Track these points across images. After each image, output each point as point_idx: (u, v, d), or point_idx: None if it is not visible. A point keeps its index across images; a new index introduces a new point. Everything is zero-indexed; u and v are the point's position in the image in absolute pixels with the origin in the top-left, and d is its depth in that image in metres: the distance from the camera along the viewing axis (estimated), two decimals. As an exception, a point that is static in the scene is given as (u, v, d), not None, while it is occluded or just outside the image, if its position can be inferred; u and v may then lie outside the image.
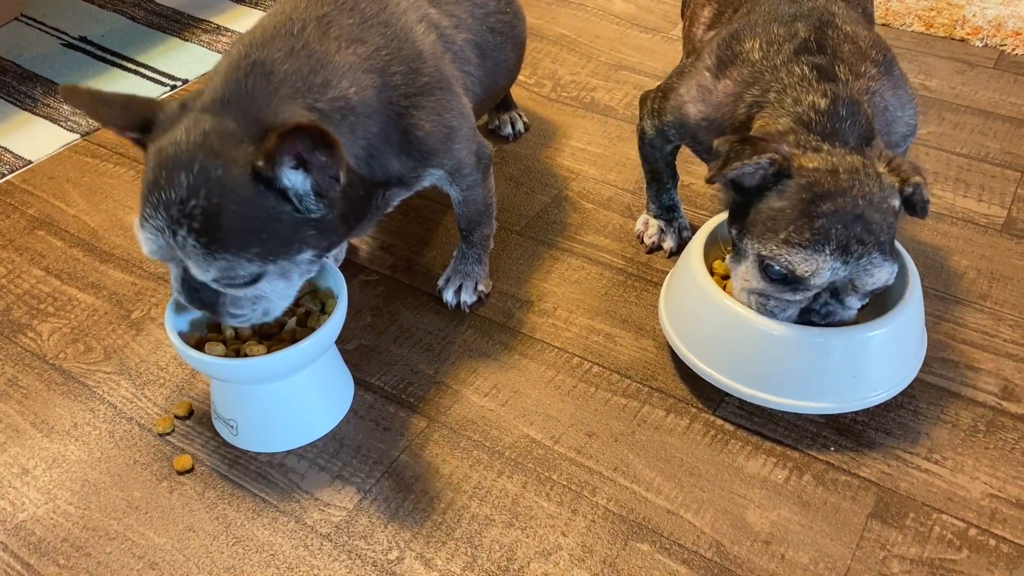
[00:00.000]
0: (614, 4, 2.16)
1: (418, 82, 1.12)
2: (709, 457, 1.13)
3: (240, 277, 0.96)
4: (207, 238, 0.92)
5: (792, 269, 1.03)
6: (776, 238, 1.03)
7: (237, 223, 0.93)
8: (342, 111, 1.03)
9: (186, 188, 0.91)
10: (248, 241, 0.94)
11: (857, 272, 1.03)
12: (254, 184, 0.93)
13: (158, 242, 0.95)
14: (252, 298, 1.02)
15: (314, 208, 0.97)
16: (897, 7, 2.07)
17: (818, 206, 1.02)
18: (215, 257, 0.93)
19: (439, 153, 1.16)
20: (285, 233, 0.97)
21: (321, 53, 1.03)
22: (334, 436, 1.16)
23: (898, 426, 1.16)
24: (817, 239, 1.01)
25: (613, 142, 1.69)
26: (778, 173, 1.04)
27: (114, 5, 2.17)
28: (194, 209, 0.92)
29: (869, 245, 1.02)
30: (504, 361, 1.26)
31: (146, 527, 1.06)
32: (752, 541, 1.03)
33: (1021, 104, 1.76)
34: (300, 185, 0.95)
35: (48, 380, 1.25)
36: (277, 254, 0.97)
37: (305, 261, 1.02)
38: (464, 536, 1.04)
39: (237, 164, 0.92)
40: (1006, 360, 1.24)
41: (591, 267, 1.41)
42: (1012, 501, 1.07)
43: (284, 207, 0.95)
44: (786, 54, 1.14)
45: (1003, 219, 1.49)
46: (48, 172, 1.64)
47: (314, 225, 0.99)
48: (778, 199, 1.04)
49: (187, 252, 0.94)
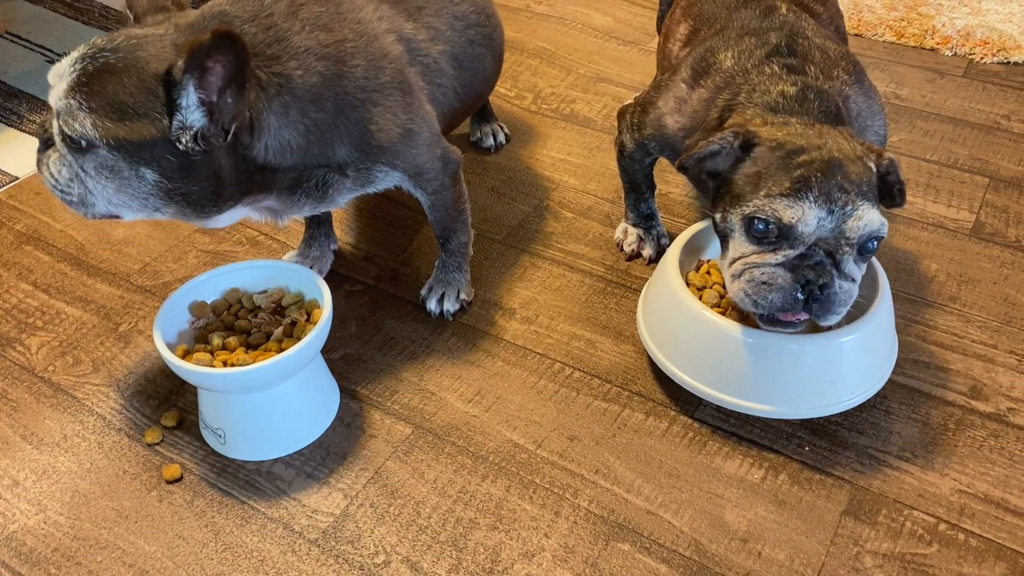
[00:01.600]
0: (593, 18, 2.19)
1: (379, 79, 1.16)
2: (687, 458, 1.16)
3: (75, 132, 0.99)
4: (86, 79, 0.98)
5: (778, 217, 1.00)
6: (758, 194, 1.03)
7: (116, 89, 0.98)
8: (279, 87, 1.07)
9: (113, 44, 1.00)
10: (107, 109, 0.98)
11: (844, 220, 1.00)
12: (158, 79, 0.98)
13: (62, 66, 1.01)
14: (73, 174, 1.03)
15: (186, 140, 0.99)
16: (869, 17, 2.12)
17: (793, 159, 1.02)
18: (74, 96, 0.98)
19: (393, 153, 1.19)
20: (143, 133, 0.99)
21: (282, 29, 1.09)
22: (321, 444, 1.18)
23: (870, 426, 1.19)
24: (798, 186, 1.00)
25: (592, 152, 1.72)
26: (745, 145, 1.05)
27: (98, 22, 2.19)
28: (101, 56, 0.99)
29: (852, 193, 1.00)
30: (487, 368, 1.29)
31: (136, 536, 1.08)
32: (730, 539, 1.06)
33: (989, 111, 1.81)
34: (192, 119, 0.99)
35: (37, 393, 1.26)
36: (120, 145, 0.99)
37: (148, 183, 1.02)
38: (449, 539, 1.07)
39: (160, 61, 0.99)
40: (974, 360, 1.28)
41: (572, 275, 1.44)
42: (980, 497, 1.10)
43: (162, 115, 0.99)
44: (757, 58, 1.17)
45: (972, 223, 1.53)
46: (35, 187, 1.66)
47: (174, 152, 1.00)
48: (752, 165, 1.05)
49: (67, 78, 1.00)
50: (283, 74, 1.07)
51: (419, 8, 1.28)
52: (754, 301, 1.05)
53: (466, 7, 1.36)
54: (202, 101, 0.98)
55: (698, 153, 1.07)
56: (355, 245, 1.52)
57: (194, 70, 0.96)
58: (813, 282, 1.01)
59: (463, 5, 1.35)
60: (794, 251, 1.02)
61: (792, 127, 1.06)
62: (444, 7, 1.32)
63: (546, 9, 2.23)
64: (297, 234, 1.50)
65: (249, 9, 1.08)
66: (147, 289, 1.43)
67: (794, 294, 1.02)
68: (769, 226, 1.02)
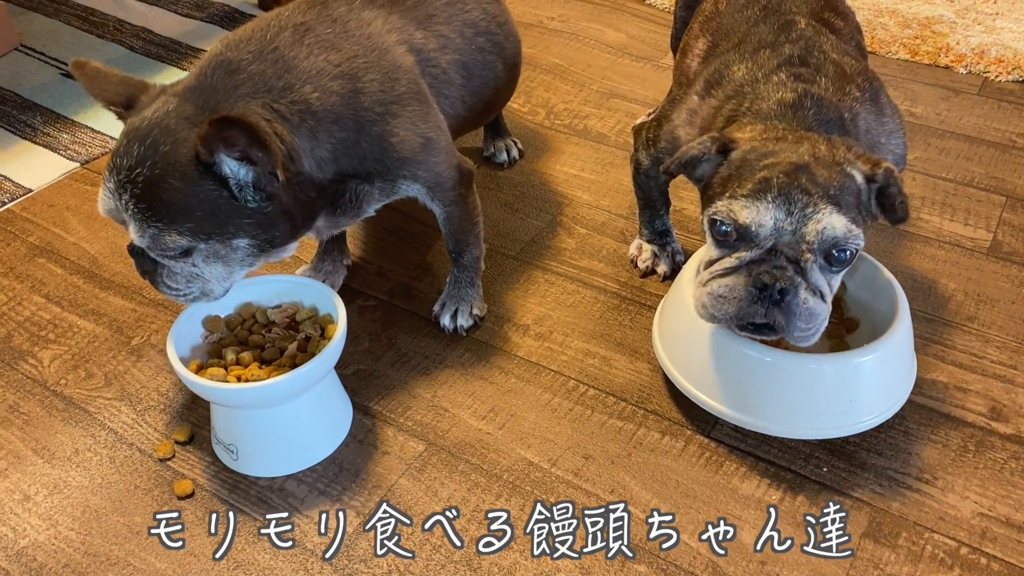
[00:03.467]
0: (606, 34, 2.20)
1: (395, 90, 1.16)
2: (704, 478, 1.14)
3: (170, 248, 1.03)
4: (145, 204, 1.00)
5: (735, 218, 0.99)
6: (722, 197, 1.03)
7: (173, 196, 1.00)
8: (302, 114, 1.08)
9: (135, 157, 1.00)
10: (181, 215, 1.01)
11: (804, 223, 0.97)
12: (195, 165, 1.00)
13: (109, 204, 1.04)
14: (188, 275, 1.07)
15: (251, 199, 1.03)
16: (883, 35, 2.11)
17: (760, 161, 1.01)
18: (148, 224, 1.01)
19: (414, 163, 1.19)
20: (220, 216, 1.03)
21: (289, 58, 1.09)
22: (333, 460, 1.17)
23: (889, 447, 1.18)
24: (758, 188, 0.99)
25: (606, 168, 1.72)
26: (723, 150, 1.06)
27: (113, 35, 2.20)
28: (138, 176, 1.00)
29: (815, 196, 0.97)
30: (501, 384, 1.28)
31: (147, 552, 1.07)
32: (748, 561, 1.05)
33: (1005, 129, 1.80)
34: (242, 176, 1.02)
35: (49, 406, 1.26)
36: (210, 234, 1.03)
37: (243, 248, 1.07)
38: (463, 559, 1.05)
39: (184, 144, 1.00)
40: (994, 381, 1.27)
41: (586, 291, 1.44)
42: (1002, 520, 1.09)
43: (222, 192, 1.02)
44: (768, 68, 1.17)
45: (989, 242, 1.52)
46: (48, 200, 1.66)
47: (251, 215, 1.04)
48: (726, 169, 1.06)
49: (129, 215, 1.02)
50: (300, 100, 1.08)
51: (429, 16, 1.28)
52: (711, 314, 1.04)
53: (477, 14, 1.36)
54: (239, 158, 1.00)
55: (680, 159, 1.07)
56: (367, 260, 1.51)
57: (215, 146, 0.99)
58: (770, 286, 0.98)
59: (474, 12, 1.35)
60: (750, 254, 1.00)
61: (772, 132, 1.05)
62: (454, 15, 1.32)
63: (559, 25, 2.24)
64: (310, 249, 1.50)
65: (252, 49, 1.09)
66: (160, 303, 1.42)
67: (749, 299, 0.99)
68: (728, 228, 1.01)
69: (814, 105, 1.09)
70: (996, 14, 2.18)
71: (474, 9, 1.36)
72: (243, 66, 1.07)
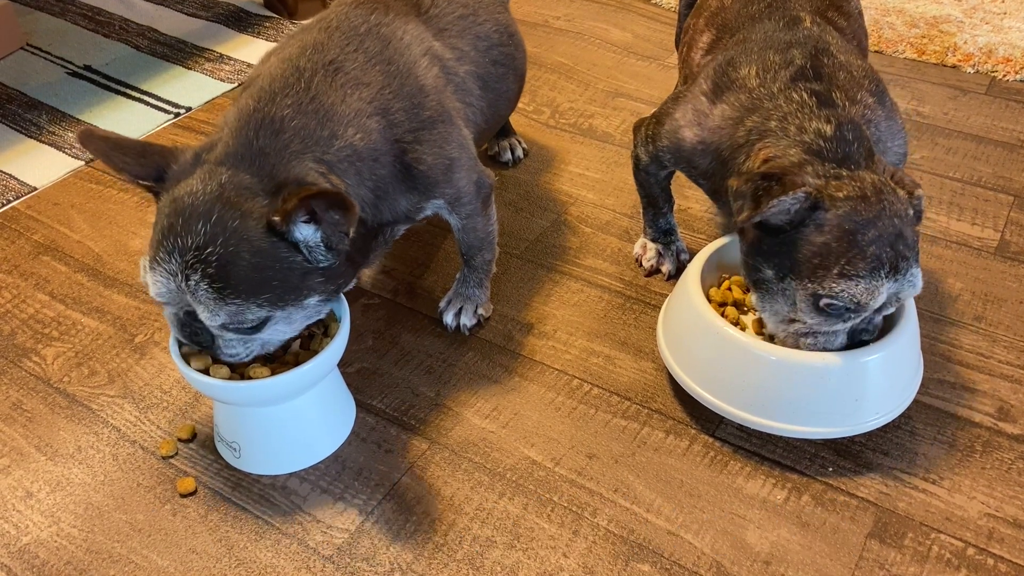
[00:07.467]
0: (611, 33, 2.19)
1: (420, 116, 1.15)
2: (708, 478, 1.14)
3: (248, 321, 1.00)
4: (221, 284, 0.96)
5: (856, 301, 1.04)
6: (830, 274, 1.03)
7: (250, 271, 0.97)
8: (349, 159, 1.06)
9: (203, 236, 0.95)
10: (259, 288, 0.98)
11: (903, 286, 1.05)
12: (267, 236, 0.97)
13: (168, 285, 0.99)
14: (253, 343, 1.05)
15: (323, 258, 1.01)
16: (889, 35, 2.11)
17: (864, 235, 1.03)
18: (226, 302, 0.97)
19: (441, 184, 1.19)
20: (294, 281, 1.00)
21: (328, 106, 1.07)
22: (336, 458, 1.17)
23: (895, 447, 1.17)
24: (873, 267, 1.02)
25: (611, 167, 1.71)
26: (812, 207, 1.04)
27: (118, 34, 2.21)
28: (210, 256, 0.95)
29: (911, 260, 1.05)
30: (504, 383, 1.27)
31: (149, 550, 1.07)
32: (752, 561, 1.04)
33: (1013, 129, 1.79)
34: (311, 238, 0.99)
35: (52, 404, 1.26)
36: (286, 300, 1.01)
37: (312, 305, 1.05)
38: (466, 558, 1.05)
39: (252, 216, 0.97)
40: (1001, 381, 1.26)
41: (590, 290, 1.43)
42: (1009, 521, 1.08)
43: (295, 257, 0.99)
44: (783, 81, 1.15)
45: (996, 242, 1.51)
46: (53, 198, 1.66)
47: (322, 272, 1.03)
48: (819, 234, 1.04)
49: (198, 297, 0.97)
50: (346, 146, 1.06)
51: (441, 30, 1.27)
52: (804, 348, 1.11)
53: (488, 27, 1.35)
54: (307, 221, 0.98)
55: (767, 213, 1.04)
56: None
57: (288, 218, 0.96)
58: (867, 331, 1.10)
59: (486, 25, 1.35)
60: (859, 317, 1.07)
61: (850, 185, 1.04)
62: (467, 28, 1.31)
63: (564, 24, 2.23)
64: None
65: (290, 103, 1.05)
66: (163, 300, 1.42)
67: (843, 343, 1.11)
68: (842, 305, 1.05)
69: (855, 138, 1.09)
70: (1004, 13, 2.17)
71: (487, 21, 1.35)
72: (286, 123, 1.03)
